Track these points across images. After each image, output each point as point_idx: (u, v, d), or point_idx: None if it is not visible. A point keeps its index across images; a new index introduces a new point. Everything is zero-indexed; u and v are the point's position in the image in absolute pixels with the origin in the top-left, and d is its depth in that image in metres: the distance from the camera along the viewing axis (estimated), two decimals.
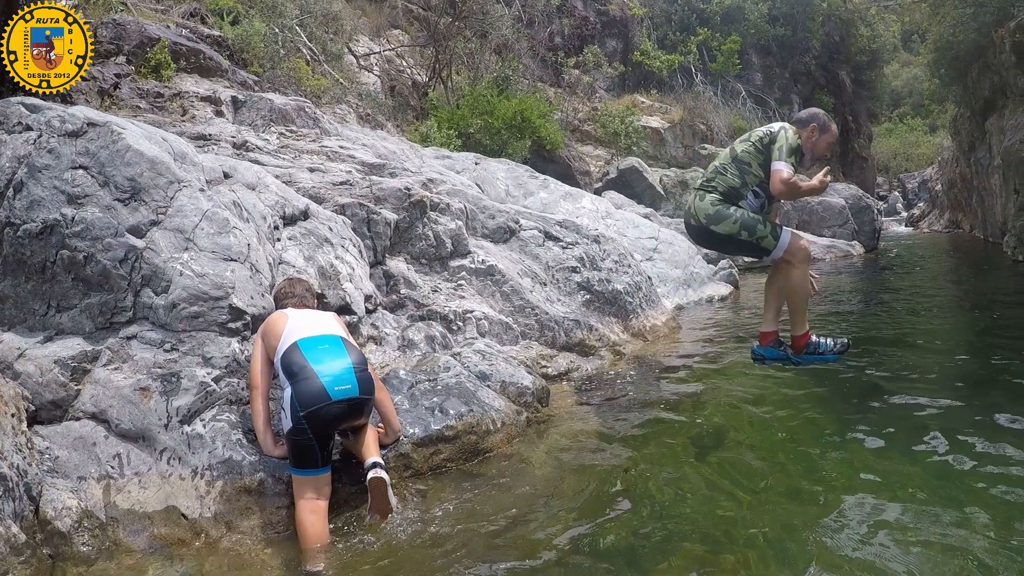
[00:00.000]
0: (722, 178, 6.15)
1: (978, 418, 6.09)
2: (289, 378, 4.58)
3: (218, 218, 5.41)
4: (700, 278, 13.72)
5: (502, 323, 7.72)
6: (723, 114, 28.77)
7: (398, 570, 4.13)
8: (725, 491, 4.98)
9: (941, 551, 4.11)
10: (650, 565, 4.08)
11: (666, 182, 23.08)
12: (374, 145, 10.68)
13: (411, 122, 18.64)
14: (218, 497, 4.51)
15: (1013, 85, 18.09)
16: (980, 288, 14.10)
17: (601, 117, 25.67)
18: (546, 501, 4.95)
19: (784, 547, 4.22)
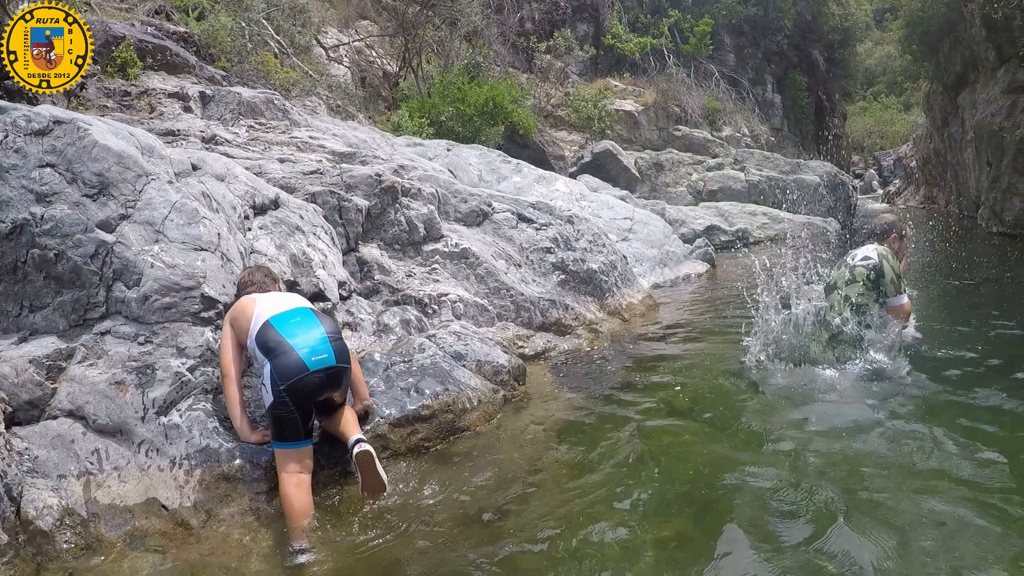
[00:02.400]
0: (848, 328, 6.52)
1: (949, 373, 6.20)
2: (267, 354, 4.61)
3: (187, 209, 5.41)
4: (676, 257, 13.79)
5: (477, 305, 7.75)
6: (696, 95, 28.77)
7: (380, 549, 4.17)
8: (701, 465, 5.03)
9: (910, 493, 4.19)
10: (629, 540, 4.12)
11: (641, 164, 23.13)
12: (345, 135, 10.68)
13: (383, 112, 18.60)
14: (197, 486, 4.52)
15: (984, 59, 18.21)
16: (955, 257, 14.21)
17: (574, 102, 25.64)
18: (525, 478, 4.98)
19: (756, 518, 4.29)
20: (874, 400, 5.93)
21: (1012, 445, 5.07)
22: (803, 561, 3.78)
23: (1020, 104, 16.11)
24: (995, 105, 17.25)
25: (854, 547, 3.85)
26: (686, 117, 27.62)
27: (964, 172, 21.24)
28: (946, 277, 12.15)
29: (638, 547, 4.03)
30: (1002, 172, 16.79)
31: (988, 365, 6.69)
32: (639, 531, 4.20)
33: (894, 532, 3.99)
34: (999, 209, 17.00)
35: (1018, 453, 4.94)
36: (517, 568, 3.90)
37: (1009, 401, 5.86)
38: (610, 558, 3.94)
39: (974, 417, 5.59)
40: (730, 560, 3.86)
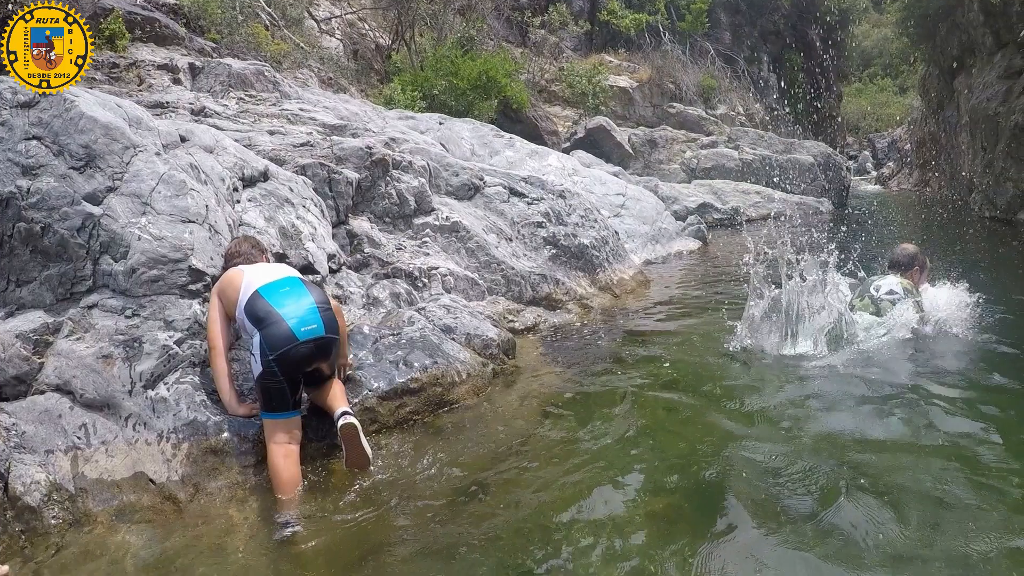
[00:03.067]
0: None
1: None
2: (256, 324, 4.60)
3: (175, 181, 5.36)
4: (669, 234, 13.79)
5: (468, 279, 7.72)
6: (692, 73, 28.69)
7: (367, 522, 4.16)
8: (693, 440, 5.02)
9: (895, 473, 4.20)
10: (620, 515, 4.11)
11: (634, 141, 23.05)
12: (336, 107, 10.62)
13: (375, 85, 18.51)
14: (184, 460, 4.50)
15: (981, 44, 18.16)
16: (945, 240, 14.21)
17: (568, 77, 25.54)
18: (514, 452, 4.98)
19: (750, 493, 4.28)
20: (868, 379, 5.92)
21: (1007, 424, 5.08)
22: (800, 538, 3.78)
23: (1016, 90, 16.08)
24: (991, 90, 17.21)
25: (853, 523, 3.85)
26: (681, 94, 27.55)
27: (958, 156, 21.22)
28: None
29: (630, 522, 4.02)
30: (996, 157, 16.76)
31: (982, 346, 6.68)
32: (631, 506, 4.20)
33: (892, 509, 3.99)
34: (992, 194, 17.00)
35: (1012, 432, 4.95)
36: (506, 543, 3.89)
37: (1006, 381, 5.87)
38: (601, 533, 3.93)
39: (969, 396, 5.60)
40: (724, 536, 3.85)
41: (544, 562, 3.69)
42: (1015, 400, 5.50)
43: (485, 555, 3.77)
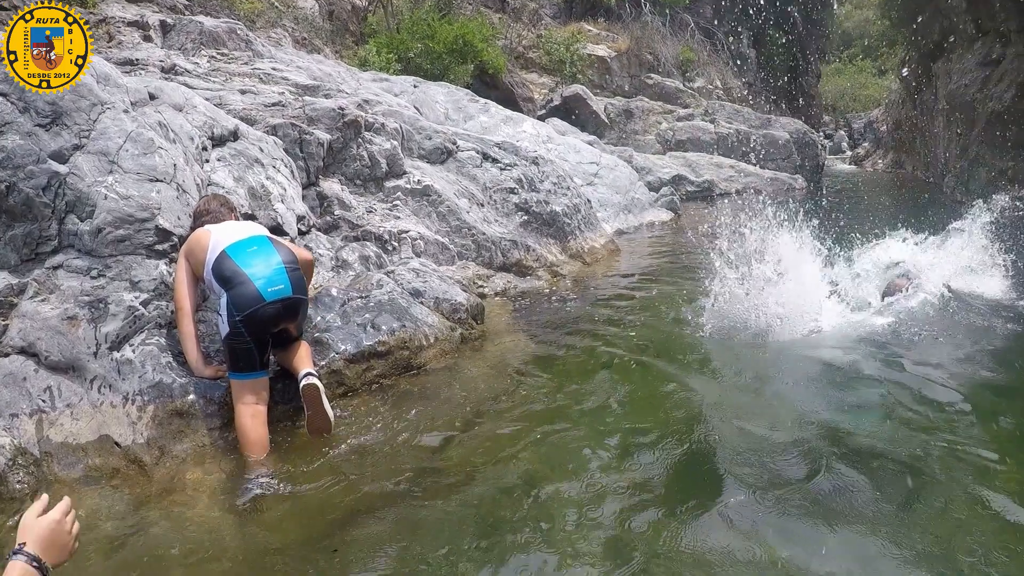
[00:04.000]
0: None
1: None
2: (223, 284, 4.58)
3: (143, 139, 5.28)
4: (641, 204, 13.80)
5: (438, 243, 7.72)
6: (671, 45, 28.57)
7: (336, 485, 4.17)
8: (658, 408, 5.08)
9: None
10: (589, 479, 4.15)
11: (610, 111, 22.99)
12: (309, 68, 10.54)
13: (349, 47, 18.36)
14: (150, 422, 4.48)
15: (962, 31, 18.24)
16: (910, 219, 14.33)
17: (546, 44, 25.40)
18: (480, 416, 5.01)
19: (719, 462, 4.36)
20: (843, 352, 6.02)
21: (979, 396, 5.21)
22: (782, 505, 3.84)
23: (994, 78, 16.19)
24: (969, 76, 17.33)
25: (831, 490, 3.95)
26: (659, 66, 27.45)
27: (933, 140, 21.36)
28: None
29: (603, 488, 4.05)
30: (971, 142, 16.92)
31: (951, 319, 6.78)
32: (603, 472, 4.23)
33: (869, 477, 4.08)
34: (965, 178, 17.18)
35: (983, 403, 5.08)
36: (473, 508, 3.92)
37: (982, 359, 6.00)
38: (573, 500, 3.96)
39: (939, 370, 5.72)
40: (702, 503, 3.88)
41: (513, 528, 3.71)
42: (989, 376, 5.62)
43: (451, 520, 3.79)
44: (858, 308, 6.93)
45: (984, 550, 3.42)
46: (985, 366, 5.85)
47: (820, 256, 7.44)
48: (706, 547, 3.48)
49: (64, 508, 2.35)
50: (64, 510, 2.35)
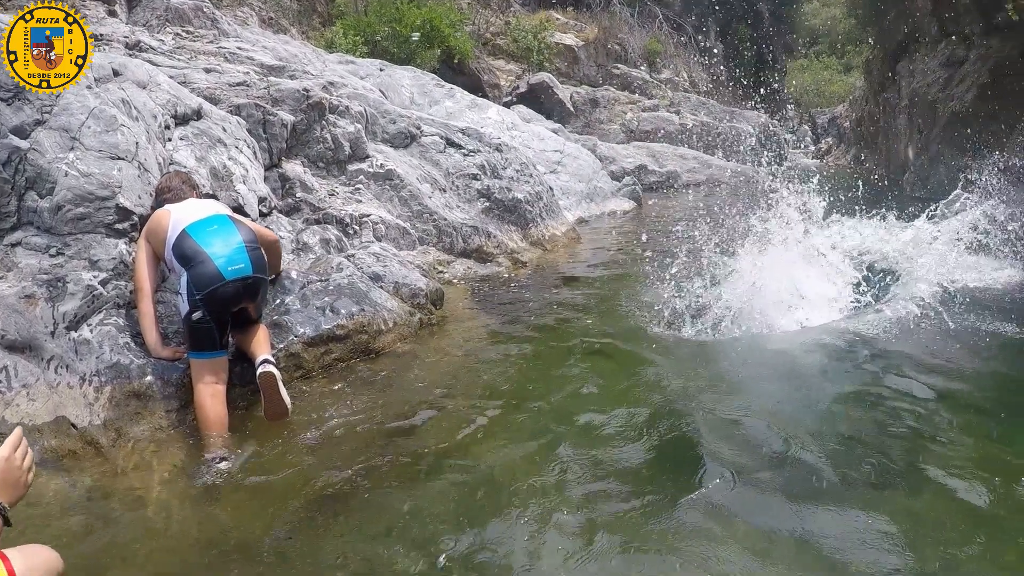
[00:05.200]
0: None
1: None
2: (183, 264, 4.58)
3: (105, 116, 5.23)
4: (604, 192, 13.90)
5: (399, 228, 7.75)
6: (638, 36, 28.70)
7: (292, 467, 4.19)
8: (611, 393, 5.14)
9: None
10: (533, 462, 4.19)
11: (576, 99, 23.08)
12: (275, 48, 10.51)
13: (316, 28, 18.28)
14: (107, 404, 4.45)
15: (926, 32, 18.48)
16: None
17: (514, 31, 25.40)
18: (436, 400, 5.03)
19: (672, 447, 4.39)
20: (804, 342, 6.12)
21: (950, 384, 5.36)
22: (761, 486, 3.92)
23: (956, 79, 16.43)
24: (932, 76, 17.57)
25: (807, 471, 4.05)
26: (626, 56, 27.56)
27: (895, 137, 21.61)
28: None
29: (559, 473, 4.08)
30: (931, 140, 17.17)
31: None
32: (559, 457, 4.25)
33: (843, 455, 4.22)
34: (924, 175, 17.42)
35: (954, 391, 5.23)
36: (424, 489, 3.95)
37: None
38: (519, 482, 3.98)
39: (910, 359, 5.81)
40: (667, 490, 3.90)
41: (474, 514, 3.72)
42: (966, 367, 5.72)
43: (409, 505, 3.80)
44: (834, 299, 7.01)
45: (948, 530, 3.55)
46: (965, 358, 5.91)
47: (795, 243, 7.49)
48: (679, 529, 3.54)
49: (14, 442, 2.30)
50: (14, 444, 2.30)
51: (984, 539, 3.48)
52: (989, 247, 8.24)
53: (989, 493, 3.83)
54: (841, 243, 7.77)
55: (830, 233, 7.78)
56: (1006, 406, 4.94)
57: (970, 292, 7.32)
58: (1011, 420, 4.71)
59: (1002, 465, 4.14)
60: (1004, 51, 13.91)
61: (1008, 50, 13.74)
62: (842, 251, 7.76)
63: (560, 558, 3.35)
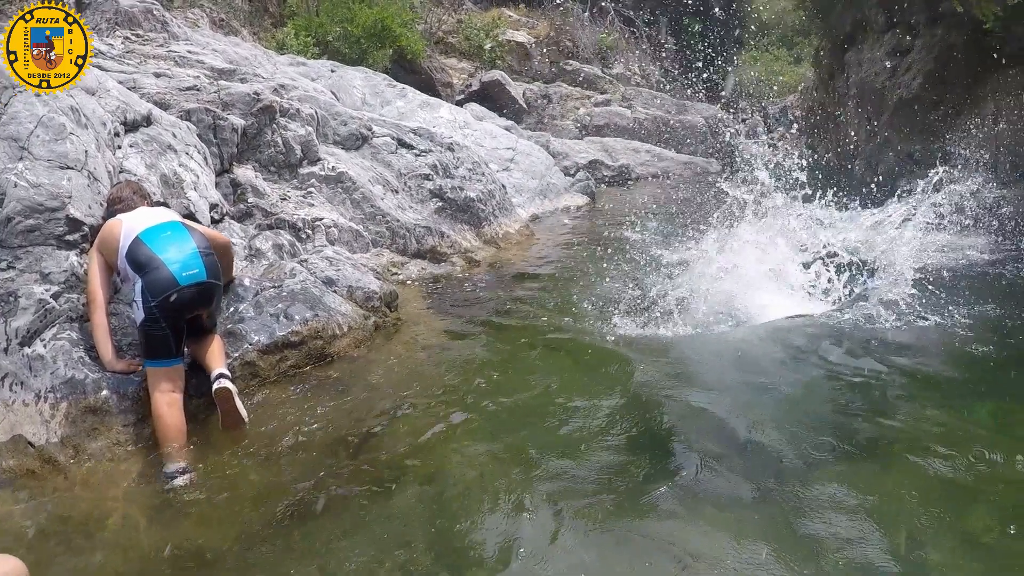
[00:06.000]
0: None
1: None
2: (138, 271, 4.58)
3: (54, 124, 5.18)
4: (557, 188, 13.96)
5: (352, 231, 7.78)
6: (590, 32, 28.76)
7: (253, 478, 4.22)
8: (575, 384, 5.25)
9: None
10: (494, 465, 4.24)
11: (529, 96, 23.12)
12: (225, 51, 10.45)
13: (268, 29, 18.16)
14: (63, 420, 4.41)
15: (873, 21, 18.76)
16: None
17: (466, 29, 25.39)
18: (393, 404, 5.07)
19: (620, 439, 4.50)
20: (769, 334, 6.22)
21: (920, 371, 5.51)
22: (729, 475, 4.04)
23: (902, 67, 16.71)
24: (879, 65, 17.86)
25: (774, 456, 4.20)
26: (578, 52, 27.62)
27: (844, 125, 21.93)
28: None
29: (503, 471, 4.15)
30: (880, 127, 17.49)
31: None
32: (514, 454, 4.32)
33: (810, 436, 4.40)
34: (874, 161, 17.72)
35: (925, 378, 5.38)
36: (388, 493, 3.99)
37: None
38: (474, 483, 4.05)
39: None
40: (635, 484, 3.99)
41: (435, 514, 3.77)
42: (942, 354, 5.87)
43: (371, 508, 3.85)
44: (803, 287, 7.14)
45: (910, 500, 3.75)
46: (928, 338, 6.09)
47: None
48: (648, 516, 3.67)
49: None
50: None
51: (945, 508, 3.67)
52: (959, 225, 8.40)
53: (949, 465, 4.03)
54: (802, 229, 7.87)
55: (791, 221, 7.90)
56: (967, 383, 5.17)
57: (937, 272, 7.44)
58: (971, 396, 4.95)
59: (962, 438, 4.35)
60: (949, 39, 14.20)
61: (952, 38, 14.02)
62: (803, 238, 7.85)
63: (532, 553, 3.42)
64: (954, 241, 8.66)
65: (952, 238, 8.53)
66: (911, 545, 3.40)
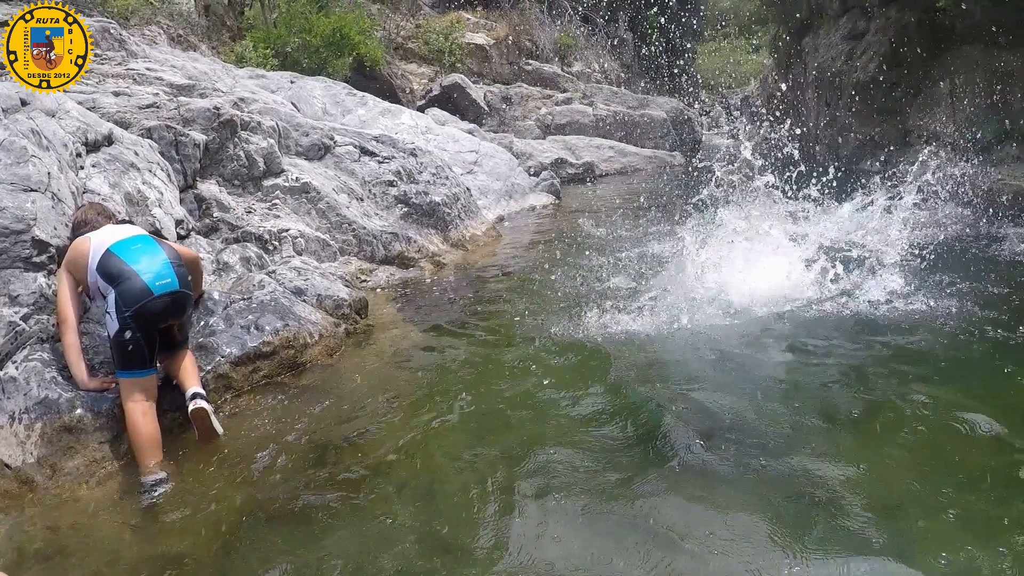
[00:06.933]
0: None
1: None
2: (110, 282, 4.61)
3: (15, 147, 5.20)
4: (522, 189, 14.05)
5: (319, 240, 7.82)
6: (549, 31, 28.86)
7: (229, 489, 4.24)
8: (548, 383, 5.27)
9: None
10: (467, 469, 4.29)
11: (490, 98, 23.18)
12: (184, 67, 10.46)
13: (226, 43, 18.10)
14: (39, 440, 4.41)
15: (828, 7, 18.99)
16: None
17: (425, 34, 25.41)
18: (367, 410, 5.11)
19: (593, 438, 4.56)
20: (748, 323, 6.34)
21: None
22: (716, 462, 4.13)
23: (858, 50, 16.92)
24: (835, 50, 18.06)
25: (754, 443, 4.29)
26: (538, 52, 27.70)
27: (805, 111, 22.16)
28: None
29: (476, 474, 4.19)
30: (839, 112, 17.70)
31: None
32: (477, 459, 4.36)
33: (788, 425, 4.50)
34: (835, 145, 17.94)
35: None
36: (361, 498, 4.03)
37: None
38: (449, 487, 4.09)
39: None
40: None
41: (404, 521, 3.79)
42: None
43: (348, 515, 3.88)
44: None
45: (895, 466, 3.94)
46: (913, 320, 6.18)
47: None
48: (637, 505, 3.74)
49: None
50: None
51: (924, 473, 3.85)
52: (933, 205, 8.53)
53: (927, 435, 4.23)
54: (779, 220, 7.94)
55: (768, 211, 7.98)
56: (947, 361, 5.31)
57: (915, 252, 7.50)
58: (951, 373, 5.10)
59: (942, 409, 4.50)
60: (903, 20, 14.41)
61: (906, 19, 14.24)
62: (781, 227, 7.91)
63: (521, 548, 3.49)
64: (928, 218, 8.79)
65: (925, 214, 8.65)
66: (892, 512, 3.55)
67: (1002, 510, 3.54)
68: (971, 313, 6.14)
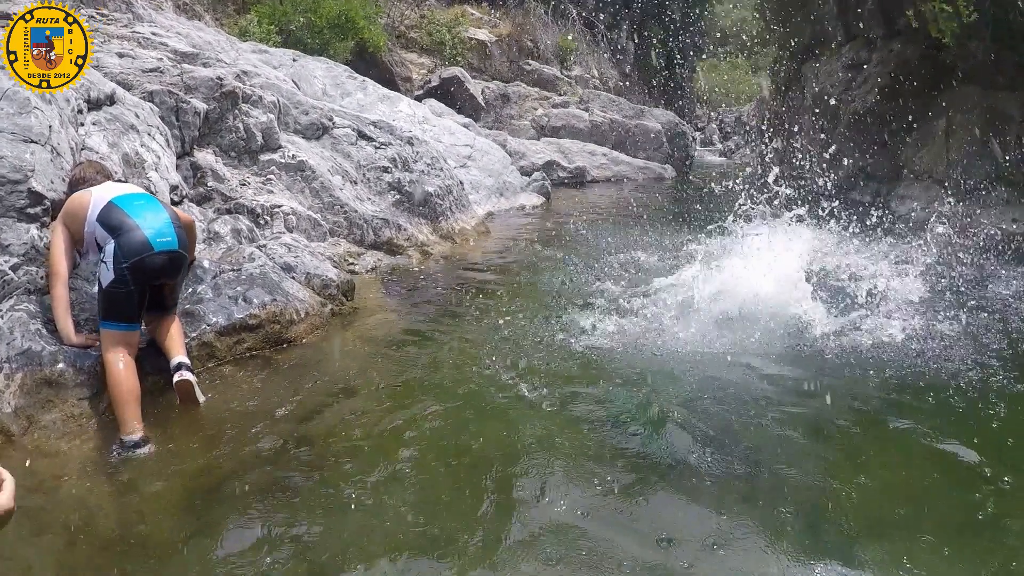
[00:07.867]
0: None
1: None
2: (110, 232, 4.61)
3: (19, 97, 5.19)
4: (514, 187, 14.09)
5: (310, 219, 7.83)
6: (551, 33, 28.89)
7: (205, 456, 4.25)
8: (515, 380, 5.26)
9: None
10: (441, 453, 4.31)
11: (488, 95, 23.20)
12: (189, 34, 10.42)
13: (231, 15, 18.03)
14: (18, 391, 4.40)
15: (832, 35, 19.11)
16: None
17: (428, 25, 25.38)
18: (346, 390, 5.15)
19: (569, 437, 4.58)
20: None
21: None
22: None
23: (858, 80, 17.06)
24: (835, 78, 18.18)
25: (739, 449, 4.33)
26: (538, 53, 27.74)
27: (800, 136, 22.30)
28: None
29: (450, 458, 4.23)
30: (835, 139, 17.86)
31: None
32: (451, 445, 4.39)
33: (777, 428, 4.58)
34: (827, 174, 18.10)
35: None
36: (332, 476, 4.04)
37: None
38: (423, 470, 4.11)
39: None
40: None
41: (376, 497, 3.83)
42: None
43: (323, 494, 3.89)
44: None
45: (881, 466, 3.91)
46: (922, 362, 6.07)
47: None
48: (632, 506, 3.77)
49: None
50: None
51: (909, 496, 3.93)
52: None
53: (913, 460, 4.32)
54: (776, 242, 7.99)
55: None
56: (935, 394, 5.27)
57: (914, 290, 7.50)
58: (938, 407, 5.05)
59: (927, 439, 4.54)
60: (905, 54, 14.54)
61: (908, 53, 14.36)
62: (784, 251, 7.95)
63: (504, 538, 3.50)
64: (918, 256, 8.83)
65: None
66: (877, 529, 3.60)
67: (982, 532, 3.61)
68: (960, 350, 6.19)
